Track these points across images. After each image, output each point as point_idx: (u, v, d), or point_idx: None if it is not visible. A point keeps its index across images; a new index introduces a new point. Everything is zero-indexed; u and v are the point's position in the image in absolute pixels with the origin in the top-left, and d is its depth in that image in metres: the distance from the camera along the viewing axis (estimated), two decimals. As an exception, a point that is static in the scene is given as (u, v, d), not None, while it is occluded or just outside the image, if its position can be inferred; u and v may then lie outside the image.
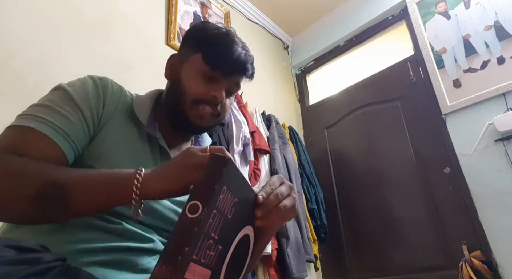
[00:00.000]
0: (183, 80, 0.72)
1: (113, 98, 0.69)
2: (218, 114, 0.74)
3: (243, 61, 0.73)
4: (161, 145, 0.71)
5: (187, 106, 0.71)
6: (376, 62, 2.58)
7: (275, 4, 2.79)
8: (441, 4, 2.24)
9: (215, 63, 0.71)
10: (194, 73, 0.72)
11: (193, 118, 0.71)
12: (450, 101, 2.05)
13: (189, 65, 0.73)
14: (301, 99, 3.00)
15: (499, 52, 1.94)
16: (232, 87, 0.75)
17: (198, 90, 0.70)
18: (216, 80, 0.71)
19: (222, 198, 0.40)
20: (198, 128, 0.75)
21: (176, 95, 0.73)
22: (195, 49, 0.73)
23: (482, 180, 1.84)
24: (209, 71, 0.71)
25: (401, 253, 2.05)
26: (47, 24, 1.42)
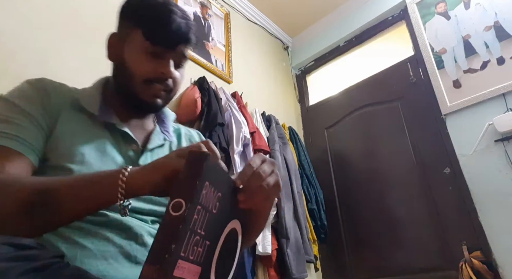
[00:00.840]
0: (128, 61, 0.70)
1: (55, 95, 0.68)
2: (171, 89, 0.73)
3: (184, 31, 0.69)
4: (120, 129, 0.70)
5: (138, 87, 0.70)
6: (376, 62, 2.58)
7: (275, 5, 2.79)
8: (441, 5, 2.24)
9: (155, 38, 0.68)
10: (137, 52, 0.69)
11: (147, 98, 0.70)
12: (450, 102, 2.05)
13: (130, 43, 0.70)
14: (301, 100, 3.00)
15: (499, 53, 1.94)
16: (179, 59, 0.73)
17: (145, 69, 0.69)
18: (160, 56, 0.69)
19: (205, 193, 0.40)
20: (154, 107, 0.73)
21: (124, 78, 0.71)
22: (133, 25, 0.70)
23: (482, 180, 1.84)
24: (151, 47, 0.68)
25: (401, 253, 2.05)
26: (47, 26, 1.42)
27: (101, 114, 0.69)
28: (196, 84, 1.87)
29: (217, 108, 1.78)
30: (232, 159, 1.72)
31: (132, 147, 0.71)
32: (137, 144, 0.71)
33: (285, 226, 1.84)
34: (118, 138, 0.70)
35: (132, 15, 0.72)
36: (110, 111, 0.71)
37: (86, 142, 0.65)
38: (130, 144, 0.71)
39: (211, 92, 1.84)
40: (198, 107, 1.72)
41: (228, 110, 1.90)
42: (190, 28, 0.71)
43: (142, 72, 0.69)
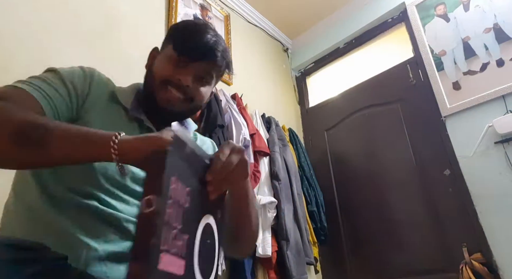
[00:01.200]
0: (155, 67, 0.76)
1: (99, 85, 0.73)
2: (190, 99, 0.75)
3: (210, 46, 0.74)
4: (148, 126, 0.74)
5: (155, 87, 0.73)
6: (375, 64, 2.58)
7: (274, 7, 2.80)
8: (440, 7, 2.25)
9: (181, 48, 0.73)
10: (164, 59, 0.75)
11: (161, 100, 0.73)
12: (450, 104, 2.05)
13: (162, 54, 0.78)
14: (301, 101, 3.01)
15: (499, 55, 1.94)
16: (204, 74, 0.76)
17: (165, 72, 0.73)
18: (184, 66, 0.73)
19: (173, 188, 0.40)
20: (168, 111, 0.74)
21: (148, 80, 0.77)
22: (169, 41, 0.77)
23: (482, 182, 1.84)
24: (177, 56, 0.73)
25: (401, 255, 2.04)
26: (48, 27, 1.42)
27: (133, 109, 0.74)
28: (196, 86, 1.87)
29: (217, 110, 1.78)
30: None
31: None
32: None
33: (285, 228, 1.83)
34: (144, 133, 0.72)
35: (171, 33, 0.80)
36: (140, 109, 0.75)
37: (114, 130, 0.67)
38: None
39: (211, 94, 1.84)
40: (198, 109, 1.72)
41: (228, 112, 1.90)
42: (217, 46, 0.75)
43: (162, 74, 0.73)
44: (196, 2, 2.28)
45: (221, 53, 0.76)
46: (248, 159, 0.56)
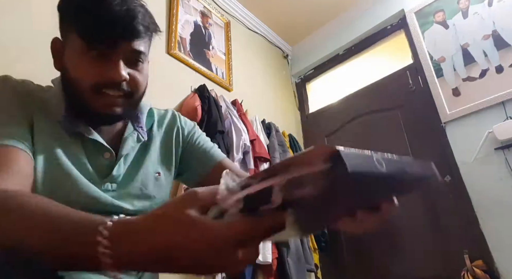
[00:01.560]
0: (70, 70, 0.60)
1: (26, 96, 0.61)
2: (130, 93, 0.62)
3: (124, 22, 0.57)
4: (92, 139, 0.63)
5: (87, 97, 0.59)
6: (375, 71, 2.59)
7: (274, 14, 2.82)
8: (439, 14, 2.27)
9: (91, 37, 0.56)
10: (77, 57, 0.58)
11: (102, 108, 0.60)
12: (450, 110, 2.06)
13: (69, 48, 0.60)
14: (301, 107, 3.01)
15: (498, 61, 1.95)
16: (131, 55, 0.60)
17: (90, 76, 0.58)
18: (104, 56, 0.58)
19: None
20: (114, 116, 0.63)
21: (71, 89, 0.61)
22: (69, 26, 0.60)
23: (482, 188, 1.84)
24: (89, 48, 0.57)
25: (402, 262, 2.03)
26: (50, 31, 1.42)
27: (66, 121, 0.61)
28: (196, 92, 1.88)
29: (217, 115, 1.78)
30: (232, 167, 1.71)
31: (105, 155, 0.64)
32: (110, 151, 0.64)
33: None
34: (89, 147, 0.63)
35: (66, 14, 0.61)
36: (76, 117, 0.63)
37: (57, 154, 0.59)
38: (102, 152, 0.64)
39: (211, 100, 1.85)
40: (198, 114, 1.73)
41: (228, 117, 1.90)
42: (133, 16, 0.57)
43: (87, 80, 0.58)
44: (197, 9, 2.29)
45: (140, 20, 0.59)
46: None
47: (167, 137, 0.77)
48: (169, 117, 0.81)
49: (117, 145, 0.67)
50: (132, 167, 0.68)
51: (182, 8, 2.15)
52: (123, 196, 0.64)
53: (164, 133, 0.77)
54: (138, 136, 0.70)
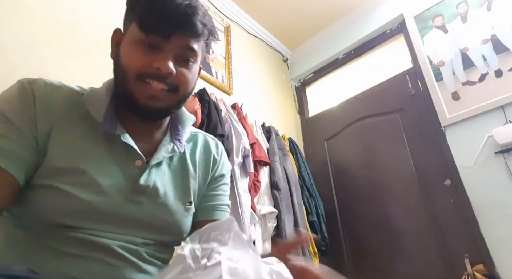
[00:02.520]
0: (122, 56, 0.60)
1: (46, 101, 0.58)
2: (175, 88, 0.61)
3: (183, 15, 0.57)
4: (125, 141, 0.60)
5: (131, 84, 0.59)
6: (375, 75, 2.60)
7: (274, 18, 2.83)
8: (438, 18, 2.28)
9: (148, 27, 0.57)
10: (131, 44, 0.59)
11: (143, 99, 0.59)
12: (449, 114, 2.06)
13: (126, 37, 0.61)
14: (300, 111, 3.02)
15: (497, 65, 1.96)
16: (183, 52, 0.60)
17: (138, 63, 0.58)
18: (157, 48, 0.58)
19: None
20: (155, 110, 0.61)
21: (119, 75, 0.61)
22: (131, 18, 0.61)
23: (483, 192, 1.83)
24: (146, 38, 0.57)
25: (402, 266, 2.02)
26: (49, 38, 1.43)
27: (105, 122, 0.60)
28: (196, 96, 1.88)
29: (217, 119, 1.78)
30: (232, 171, 1.71)
31: (136, 162, 0.61)
32: (142, 158, 0.62)
33: (285, 238, 1.82)
34: (120, 152, 0.61)
35: (130, 6, 0.63)
36: (114, 118, 0.62)
37: (82, 159, 0.57)
38: (133, 159, 0.62)
39: (211, 103, 1.85)
40: (198, 118, 1.73)
41: (228, 121, 1.91)
42: (193, 12, 0.58)
43: (135, 66, 0.58)
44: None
45: (200, 18, 0.59)
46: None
47: (206, 163, 0.74)
48: (214, 145, 0.79)
49: (151, 153, 0.65)
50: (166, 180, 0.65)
51: (183, 12, 2.16)
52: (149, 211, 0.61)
53: (203, 158, 0.74)
54: (173, 148, 0.67)
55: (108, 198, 0.57)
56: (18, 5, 1.37)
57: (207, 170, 0.75)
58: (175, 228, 0.65)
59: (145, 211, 0.60)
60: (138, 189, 0.60)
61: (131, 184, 0.60)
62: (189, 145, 0.74)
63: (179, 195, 0.66)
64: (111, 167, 0.59)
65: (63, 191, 0.54)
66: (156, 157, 0.64)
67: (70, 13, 1.55)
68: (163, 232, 0.63)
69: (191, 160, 0.72)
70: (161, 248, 0.64)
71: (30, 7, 1.41)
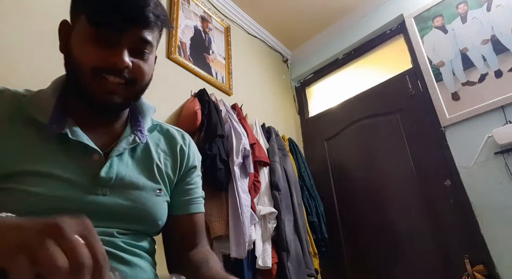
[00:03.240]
0: (74, 51, 0.59)
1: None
2: (132, 81, 0.60)
3: (135, 8, 0.56)
4: (74, 139, 0.59)
5: (87, 80, 0.57)
6: (375, 75, 2.60)
7: (274, 19, 2.83)
8: (438, 19, 2.28)
9: (99, 21, 0.56)
10: (83, 39, 0.58)
11: (100, 94, 0.58)
12: (449, 114, 2.06)
13: (76, 31, 0.59)
14: (300, 111, 3.02)
15: (497, 66, 1.96)
16: (138, 44, 0.59)
17: (93, 58, 0.57)
18: (110, 42, 0.57)
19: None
20: (113, 104, 0.60)
21: (72, 71, 0.61)
22: (79, 10, 0.59)
23: (483, 193, 1.83)
24: (97, 32, 0.56)
25: (402, 266, 2.02)
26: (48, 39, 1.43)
27: (52, 123, 0.58)
28: (196, 96, 1.88)
29: (217, 119, 1.78)
30: (232, 171, 1.71)
31: (94, 157, 0.61)
32: (99, 152, 0.61)
33: (285, 239, 1.82)
34: (74, 149, 0.60)
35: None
36: (64, 117, 0.61)
37: (33, 161, 0.56)
38: (89, 154, 0.61)
39: (211, 104, 1.85)
40: (198, 118, 1.73)
41: (228, 121, 1.91)
42: (145, 3, 0.57)
43: (89, 61, 0.57)
44: (197, 13, 2.31)
45: (152, 9, 0.58)
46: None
47: (172, 154, 0.74)
48: (180, 136, 0.78)
49: (110, 147, 0.64)
50: (131, 171, 0.65)
51: (183, 13, 2.16)
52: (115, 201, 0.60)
53: (169, 150, 0.74)
54: (134, 139, 0.67)
55: (69, 192, 0.56)
56: (18, 5, 1.38)
57: (175, 161, 0.74)
58: (148, 216, 0.65)
59: (113, 202, 0.60)
60: (100, 182, 0.60)
61: (91, 178, 0.59)
62: (153, 135, 0.73)
63: (147, 184, 0.66)
64: (67, 165, 0.58)
65: (20, 190, 0.53)
66: (117, 149, 0.63)
67: (70, 14, 1.56)
68: (136, 221, 0.63)
69: (155, 150, 0.72)
70: (138, 237, 0.64)
71: (30, 7, 1.41)
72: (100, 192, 0.59)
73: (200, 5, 2.34)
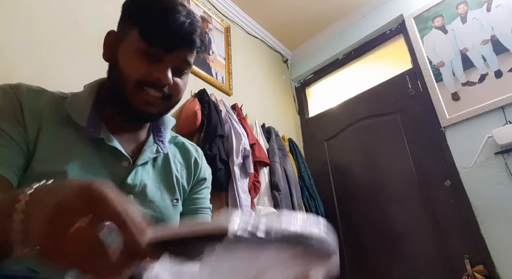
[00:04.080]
0: (121, 61, 0.62)
1: (33, 106, 0.60)
2: (169, 96, 0.65)
3: (186, 32, 0.61)
4: (109, 144, 0.63)
5: (129, 90, 0.61)
6: (375, 75, 2.60)
7: (274, 19, 2.83)
8: (438, 19, 2.28)
9: (152, 38, 0.60)
10: (132, 52, 0.62)
11: (139, 104, 0.62)
12: (449, 114, 2.06)
13: (126, 43, 0.63)
14: (300, 112, 3.02)
15: (497, 66, 1.96)
16: (180, 64, 0.64)
17: (139, 71, 0.61)
18: (157, 58, 0.61)
19: None
20: (148, 115, 0.66)
21: (116, 80, 0.63)
22: (131, 24, 0.63)
23: (483, 193, 1.83)
24: (148, 48, 0.60)
25: (402, 267, 2.02)
26: (49, 39, 1.43)
27: (89, 127, 0.62)
28: (196, 96, 1.88)
29: (217, 120, 1.78)
30: (232, 171, 1.71)
31: (123, 164, 0.64)
32: (128, 160, 0.65)
33: (285, 239, 1.81)
34: (106, 154, 0.63)
35: (131, 12, 0.65)
36: (99, 122, 0.64)
37: (68, 162, 0.58)
38: (120, 160, 0.64)
39: (211, 104, 1.85)
40: (198, 119, 1.73)
41: (228, 122, 1.91)
42: (194, 29, 0.62)
43: (135, 74, 0.61)
44: (197, 14, 2.31)
45: (199, 36, 0.64)
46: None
47: (187, 167, 0.78)
48: (194, 150, 0.83)
49: (135, 155, 0.68)
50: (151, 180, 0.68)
51: (183, 13, 2.16)
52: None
53: (184, 162, 0.78)
54: (157, 149, 0.71)
55: None
56: (18, 6, 1.37)
57: (190, 173, 0.78)
58: (165, 224, 0.67)
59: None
60: (126, 188, 0.63)
61: (118, 184, 0.62)
62: (171, 147, 0.78)
63: (166, 193, 0.70)
64: (98, 168, 0.61)
65: None
66: (142, 157, 0.67)
67: (70, 14, 1.55)
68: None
69: (173, 161, 0.76)
70: None
71: (30, 8, 1.41)
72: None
73: (200, 5, 2.34)
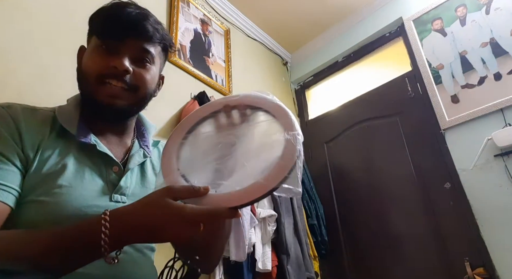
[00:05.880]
0: (83, 65, 0.66)
1: (29, 125, 0.61)
2: (135, 87, 0.65)
3: (133, 20, 0.64)
4: (101, 151, 0.65)
5: (92, 87, 0.63)
6: (374, 77, 2.61)
7: (274, 22, 2.84)
8: (437, 22, 2.29)
9: (104, 33, 0.64)
10: (90, 52, 0.66)
11: (105, 99, 0.63)
12: (449, 117, 2.06)
13: (87, 50, 0.68)
14: (300, 114, 3.02)
15: (496, 69, 1.96)
16: (138, 53, 0.65)
17: (97, 66, 0.63)
18: (112, 50, 0.64)
19: None
20: (117, 110, 0.65)
21: (81, 82, 0.67)
22: (91, 33, 0.69)
23: (483, 195, 1.83)
24: (102, 43, 0.64)
25: (402, 269, 2.01)
26: (48, 41, 1.43)
27: (79, 134, 0.64)
28: (196, 99, 1.88)
29: (217, 122, 1.78)
30: (232, 174, 1.71)
31: (114, 169, 0.67)
32: (119, 165, 0.67)
33: (285, 242, 1.81)
34: (98, 161, 0.65)
35: (90, 24, 0.70)
36: (86, 130, 0.66)
37: (62, 172, 0.60)
38: (111, 166, 0.66)
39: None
40: (198, 121, 1.73)
41: (227, 124, 1.90)
42: (143, 18, 0.65)
43: (94, 69, 0.63)
44: (197, 17, 2.31)
45: (152, 24, 0.66)
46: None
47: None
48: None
49: (123, 159, 0.71)
50: (139, 182, 0.71)
51: (182, 16, 2.17)
52: None
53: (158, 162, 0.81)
54: (144, 153, 0.74)
55: (96, 201, 0.60)
56: (17, 8, 1.38)
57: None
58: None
59: None
60: (119, 191, 0.65)
61: (112, 187, 0.65)
62: (154, 151, 0.80)
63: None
64: (94, 175, 0.64)
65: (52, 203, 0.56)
66: (133, 162, 0.70)
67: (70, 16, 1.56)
68: None
69: (156, 164, 0.79)
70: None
71: (29, 10, 1.41)
72: (120, 200, 0.65)
73: (200, 8, 2.35)
